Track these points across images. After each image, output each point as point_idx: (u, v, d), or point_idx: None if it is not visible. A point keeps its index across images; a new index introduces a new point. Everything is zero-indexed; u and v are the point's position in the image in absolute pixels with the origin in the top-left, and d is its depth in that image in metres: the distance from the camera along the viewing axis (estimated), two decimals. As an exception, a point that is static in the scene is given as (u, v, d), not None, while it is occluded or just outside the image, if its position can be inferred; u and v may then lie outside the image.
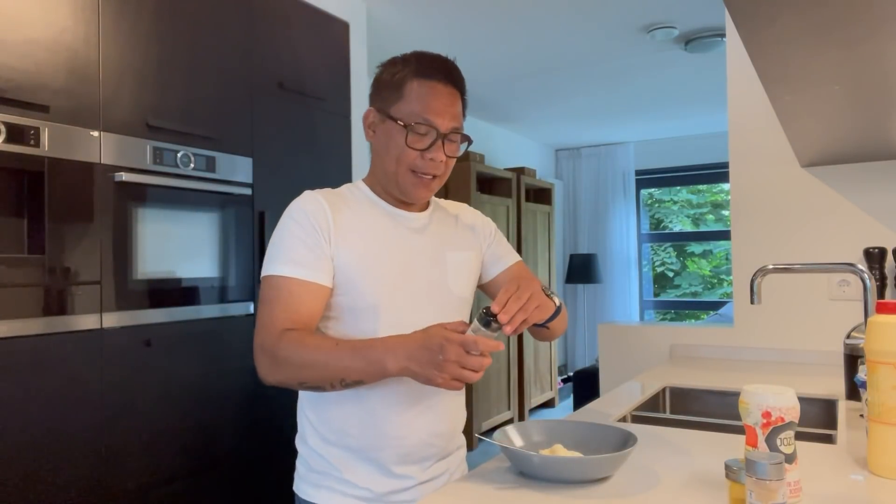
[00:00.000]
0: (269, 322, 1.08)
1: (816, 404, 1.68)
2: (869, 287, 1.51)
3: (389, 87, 1.17)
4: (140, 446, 1.77)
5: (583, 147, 6.68)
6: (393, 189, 1.20)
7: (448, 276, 1.23)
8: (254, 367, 1.12)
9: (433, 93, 1.15)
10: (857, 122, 1.50)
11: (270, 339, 1.07)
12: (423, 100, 1.14)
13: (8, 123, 1.52)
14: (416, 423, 1.16)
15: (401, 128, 1.14)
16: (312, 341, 1.06)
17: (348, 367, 1.02)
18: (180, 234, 1.91)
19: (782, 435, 0.90)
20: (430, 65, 1.16)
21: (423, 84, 1.15)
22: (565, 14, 3.19)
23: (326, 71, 2.53)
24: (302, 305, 1.09)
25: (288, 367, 1.06)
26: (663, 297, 6.56)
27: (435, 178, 1.18)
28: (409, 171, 1.16)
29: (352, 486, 1.14)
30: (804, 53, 0.97)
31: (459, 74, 1.20)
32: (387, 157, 1.17)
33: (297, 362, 1.05)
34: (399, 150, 1.15)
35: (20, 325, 1.53)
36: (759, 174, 2.27)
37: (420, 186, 1.18)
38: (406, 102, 1.14)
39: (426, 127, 1.14)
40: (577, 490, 0.97)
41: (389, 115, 1.16)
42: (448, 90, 1.17)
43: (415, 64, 1.16)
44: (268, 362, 1.08)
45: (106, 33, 1.75)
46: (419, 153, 1.14)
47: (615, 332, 2.56)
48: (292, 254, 1.11)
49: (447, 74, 1.17)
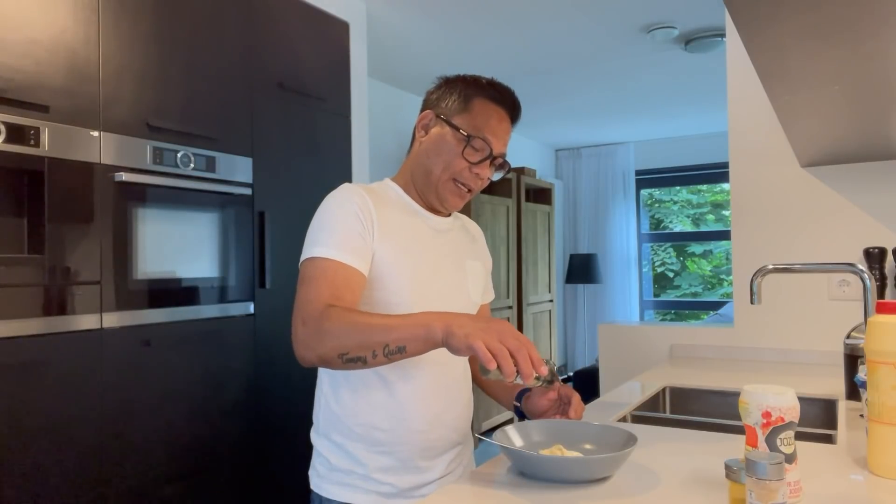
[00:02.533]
0: (315, 297, 1.07)
1: (816, 404, 1.68)
2: (869, 287, 1.51)
3: (456, 99, 1.23)
4: (140, 446, 1.77)
5: (583, 147, 6.68)
6: (429, 192, 1.24)
7: (467, 280, 1.29)
8: (253, 367, 1.13)
9: (498, 117, 1.22)
10: (857, 122, 1.50)
11: (315, 313, 1.05)
12: (488, 119, 1.21)
13: (8, 123, 1.52)
14: (441, 416, 1.20)
15: (460, 137, 1.20)
16: (356, 311, 1.06)
17: (391, 327, 1.00)
18: (180, 234, 1.91)
19: (782, 435, 0.90)
20: (502, 92, 1.24)
21: (492, 106, 1.22)
22: (565, 14, 3.19)
23: (326, 71, 2.53)
24: (347, 289, 1.09)
25: (332, 336, 1.02)
26: (663, 298, 6.56)
27: (471, 192, 1.25)
28: (451, 180, 1.21)
29: (375, 482, 1.16)
30: (804, 53, 0.97)
31: (520, 109, 1.27)
32: (436, 160, 1.21)
33: (341, 330, 1.02)
34: (451, 157, 1.20)
35: (20, 325, 1.53)
36: (759, 174, 2.27)
37: (457, 196, 1.24)
38: (471, 117, 1.21)
39: (482, 143, 1.20)
40: (577, 490, 0.97)
41: (451, 122, 1.21)
42: (508, 119, 1.25)
43: (488, 87, 1.24)
44: (311, 335, 1.04)
45: (106, 33, 1.75)
46: (468, 166, 1.20)
47: (615, 332, 2.56)
48: (339, 239, 1.12)
49: (513, 108, 1.25)
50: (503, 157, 1.24)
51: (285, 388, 2.23)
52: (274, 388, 2.19)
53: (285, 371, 2.22)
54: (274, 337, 2.19)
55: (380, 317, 1.03)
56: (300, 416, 2.27)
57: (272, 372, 2.17)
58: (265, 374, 2.15)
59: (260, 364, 2.13)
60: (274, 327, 2.19)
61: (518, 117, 1.27)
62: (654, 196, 6.62)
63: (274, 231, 2.20)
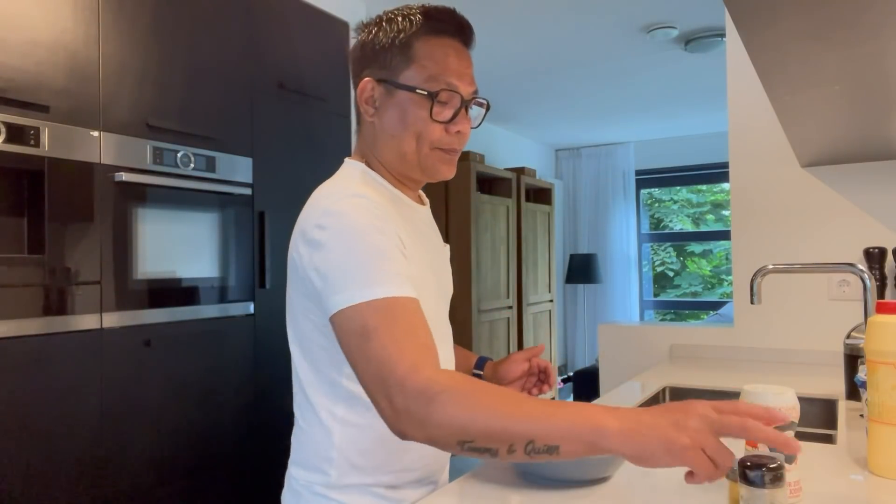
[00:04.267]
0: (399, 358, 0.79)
1: (816, 404, 1.68)
2: (869, 287, 1.51)
3: (392, 51, 0.97)
4: (140, 446, 1.77)
5: (583, 147, 6.68)
6: (412, 171, 1.01)
7: (449, 275, 1.16)
8: (253, 368, 1.11)
9: (451, 51, 0.97)
10: (858, 122, 1.50)
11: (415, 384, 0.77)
12: (442, 61, 0.96)
13: (8, 123, 1.52)
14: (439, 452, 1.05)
15: (421, 98, 0.95)
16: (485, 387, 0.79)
17: (540, 417, 0.74)
18: (180, 234, 1.91)
19: (782, 435, 0.89)
20: (440, 18, 0.98)
21: (439, 41, 0.97)
22: (565, 14, 3.19)
23: (326, 71, 2.53)
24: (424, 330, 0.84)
25: (452, 420, 0.76)
26: (663, 297, 6.56)
27: (457, 152, 1.01)
28: (434, 149, 0.98)
29: None
30: (804, 53, 0.97)
31: (471, 27, 1.02)
32: (404, 135, 0.97)
33: (466, 414, 0.75)
34: (420, 126, 0.96)
35: (20, 325, 1.53)
36: (759, 174, 2.27)
37: (447, 163, 1.00)
38: (420, 67, 0.96)
39: (449, 93, 0.96)
40: (577, 490, 0.97)
41: (400, 83, 0.96)
42: (463, 47, 1.00)
43: (423, 19, 0.97)
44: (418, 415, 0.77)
45: (106, 33, 1.75)
46: (444, 126, 0.97)
47: (615, 332, 2.56)
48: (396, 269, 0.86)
49: (460, 29, 0.99)
50: (474, 98, 1.00)
51: (285, 388, 2.21)
52: (274, 387, 2.18)
53: (285, 371, 2.21)
54: (274, 337, 2.19)
55: (522, 400, 0.77)
56: (300, 416, 2.27)
57: (272, 372, 2.17)
58: (265, 374, 2.15)
59: (260, 364, 2.13)
60: (274, 327, 2.19)
61: (472, 38, 1.01)
62: (654, 195, 6.61)
63: (274, 231, 2.20)
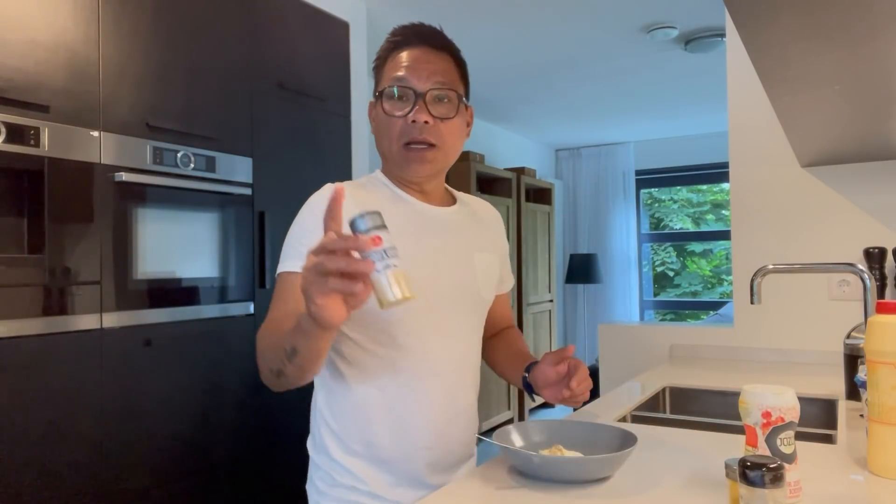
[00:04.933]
0: (266, 320, 1.02)
1: (816, 404, 1.68)
2: (869, 287, 1.51)
3: (375, 72, 1.14)
4: (140, 446, 1.77)
5: (583, 147, 6.68)
6: (397, 171, 1.13)
7: (477, 277, 1.17)
8: (253, 368, 1.11)
9: (404, 56, 1.09)
10: (857, 122, 1.50)
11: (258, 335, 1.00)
12: (396, 66, 1.09)
13: (8, 123, 1.52)
14: (446, 431, 1.12)
15: (379, 100, 1.09)
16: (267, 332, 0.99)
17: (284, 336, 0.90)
18: (180, 234, 1.91)
19: (782, 435, 0.90)
20: (401, 33, 1.11)
21: (398, 54, 1.10)
22: (565, 14, 3.19)
23: (326, 71, 2.53)
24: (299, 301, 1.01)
25: (262, 355, 0.98)
26: (663, 297, 6.56)
27: (431, 147, 1.08)
28: (403, 147, 1.08)
29: (381, 499, 1.09)
30: (804, 53, 0.97)
31: (438, 34, 1.12)
32: (382, 137, 1.11)
33: (262, 346, 0.98)
34: (384, 123, 1.08)
35: (20, 325, 1.53)
36: (759, 174, 2.27)
37: (415, 161, 1.08)
38: (384, 79, 1.10)
39: (402, 89, 1.07)
40: (577, 490, 0.97)
41: (375, 95, 1.11)
42: (424, 51, 1.10)
43: (387, 41, 1.12)
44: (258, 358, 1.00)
45: (106, 33, 1.75)
46: (401, 119, 1.06)
47: (615, 332, 2.56)
48: (301, 249, 1.01)
49: (420, 36, 1.10)
50: (437, 89, 1.07)
51: (281, 388, 2.22)
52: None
53: (285, 371, 2.22)
54: (274, 337, 2.19)
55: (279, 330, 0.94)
56: (300, 416, 2.27)
57: (272, 372, 2.17)
58: (265, 374, 2.15)
59: (260, 364, 2.13)
60: (274, 327, 2.19)
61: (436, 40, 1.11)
62: (654, 195, 6.62)
63: (274, 231, 2.20)
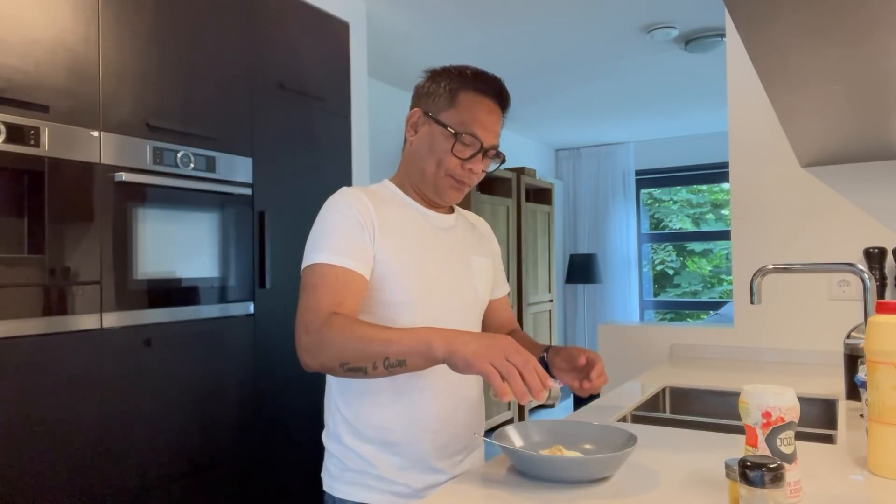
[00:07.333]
0: (316, 305, 1.07)
1: (816, 404, 1.68)
2: (869, 287, 1.51)
3: (443, 94, 1.23)
4: (140, 446, 1.77)
5: (583, 147, 6.68)
6: (427, 189, 1.25)
7: (473, 276, 1.30)
8: (254, 367, 1.12)
9: (486, 109, 1.22)
10: (857, 122, 1.50)
11: (317, 321, 1.06)
12: (475, 113, 1.20)
13: (8, 123, 1.52)
14: (453, 415, 1.20)
15: (448, 134, 1.20)
16: (359, 322, 1.07)
17: (392, 340, 1.00)
18: (180, 234, 1.91)
19: (782, 435, 0.90)
20: (487, 83, 1.23)
21: (479, 98, 1.21)
22: (565, 14, 3.19)
23: (326, 71, 2.53)
24: (348, 294, 1.10)
25: (333, 346, 1.03)
26: (663, 296, 6.56)
27: (467, 185, 1.25)
28: (447, 176, 1.22)
29: (389, 481, 1.16)
30: (804, 53, 0.97)
31: (508, 96, 1.26)
32: (429, 158, 1.22)
33: (342, 341, 1.03)
34: (442, 155, 1.21)
35: (20, 325, 1.53)
36: (759, 174, 2.27)
37: (455, 190, 1.24)
38: (457, 112, 1.20)
39: (472, 139, 1.20)
40: (577, 490, 0.97)
41: (438, 120, 1.21)
42: (497, 109, 1.24)
43: (471, 78, 1.23)
44: (314, 344, 1.05)
45: (106, 33, 1.75)
46: (460, 162, 1.20)
47: (615, 332, 2.56)
48: (338, 243, 1.12)
49: (498, 94, 1.24)
50: (496, 148, 1.24)
51: (285, 387, 2.22)
52: (274, 387, 2.18)
53: (285, 371, 2.22)
54: (274, 337, 2.19)
55: (382, 329, 1.04)
56: (300, 416, 2.27)
57: (272, 372, 2.17)
58: (265, 374, 2.15)
59: (260, 364, 2.13)
60: (274, 327, 2.19)
61: (507, 105, 1.27)
62: (654, 195, 6.61)
63: (274, 231, 2.20)
